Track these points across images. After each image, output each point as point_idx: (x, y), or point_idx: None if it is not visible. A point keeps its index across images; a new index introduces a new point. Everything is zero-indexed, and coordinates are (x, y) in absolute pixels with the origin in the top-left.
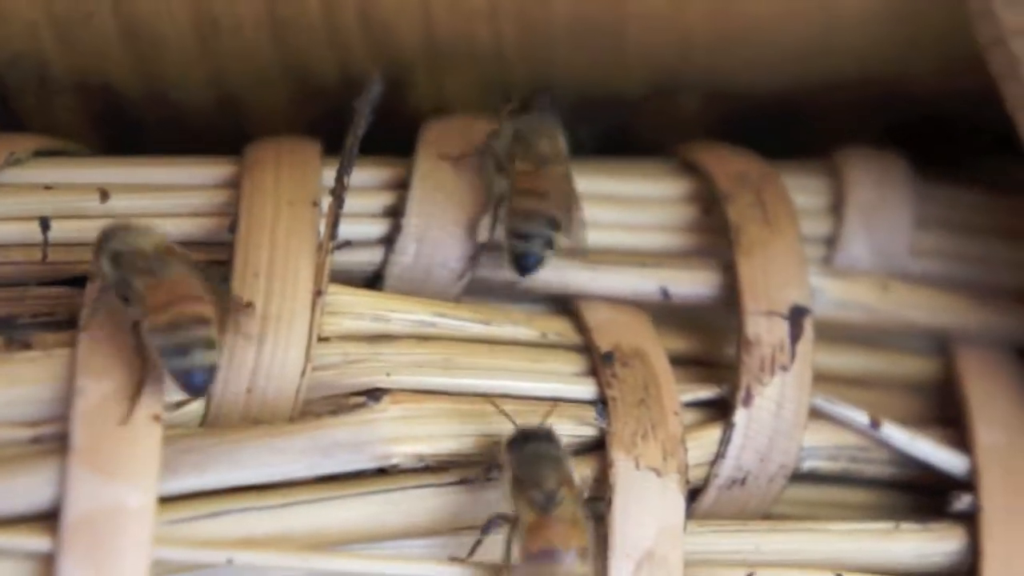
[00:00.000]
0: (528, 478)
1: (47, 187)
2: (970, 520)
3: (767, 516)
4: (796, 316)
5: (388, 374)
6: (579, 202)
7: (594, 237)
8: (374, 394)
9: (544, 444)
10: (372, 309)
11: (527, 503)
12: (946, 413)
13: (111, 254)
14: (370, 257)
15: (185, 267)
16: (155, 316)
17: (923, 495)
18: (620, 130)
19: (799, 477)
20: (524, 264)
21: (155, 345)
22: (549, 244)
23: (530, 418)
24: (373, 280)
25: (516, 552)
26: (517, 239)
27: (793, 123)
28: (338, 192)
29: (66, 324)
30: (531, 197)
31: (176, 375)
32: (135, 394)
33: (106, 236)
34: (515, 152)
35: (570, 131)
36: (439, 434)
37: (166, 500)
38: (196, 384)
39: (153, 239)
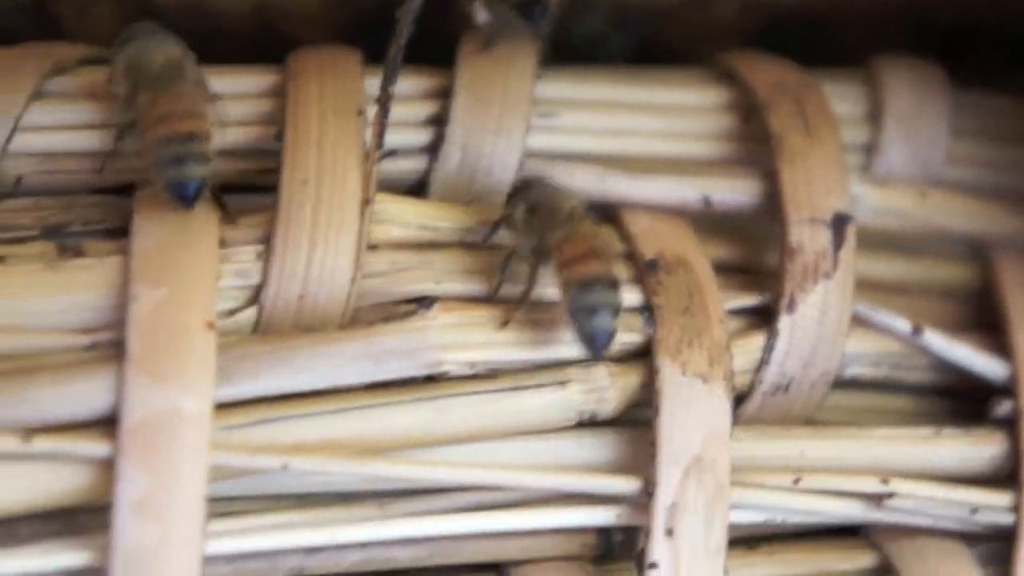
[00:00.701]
0: (544, 205)
1: (93, 96)
2: (1011, 425)
3: (810, 422)
4: (838, 223)
5: (437, 282)
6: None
7: (634, 145)
8: (424, 301)
9: (549, 186)
10: (419, 218)
11: (548, 230)
12: (986, 319)
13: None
14: (414, 165)
15: (190, 82)
16: (152, 130)
17: (964, 401)
18: (653, 39)
19: (841, 384)
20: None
21: (152, 157)
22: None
23: None
24: (417, 188)
25: (559, 284)
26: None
27: (824, 33)
28: (383, 101)
29: (117, 232)
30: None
31: (170, 187)
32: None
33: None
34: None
35: (604, 40)
36: (488, 341)
37: (221, 407)
38: (188, 195)
39: (166, 52)
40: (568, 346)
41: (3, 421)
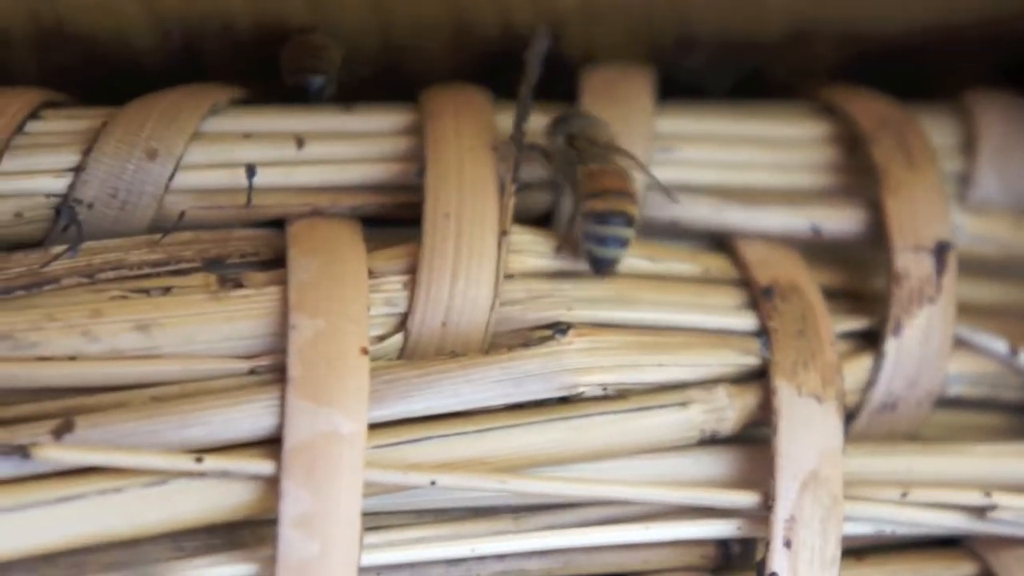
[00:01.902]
0: (582, 136)
1: (247, 135)
2: None
3: (915, 439)
4: (941, 251)
5: (569, 308)
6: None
7: (746, 177)
8: (559, 327)
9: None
10: (552, 248)
11: (583, 160)
12: None
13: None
14: (542, 197)
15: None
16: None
17: None
18: (754, 75)
19: (943, 402)
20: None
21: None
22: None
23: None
24: (544, 219)
25: (581, 210)
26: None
27: (916, 64)
28: (518, 138)
29: (272, 264)
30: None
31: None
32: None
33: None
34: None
35: (708, 75)
36: (619, 364)
37: (374, 427)
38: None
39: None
40: (691, 368)
41: (174, 442)
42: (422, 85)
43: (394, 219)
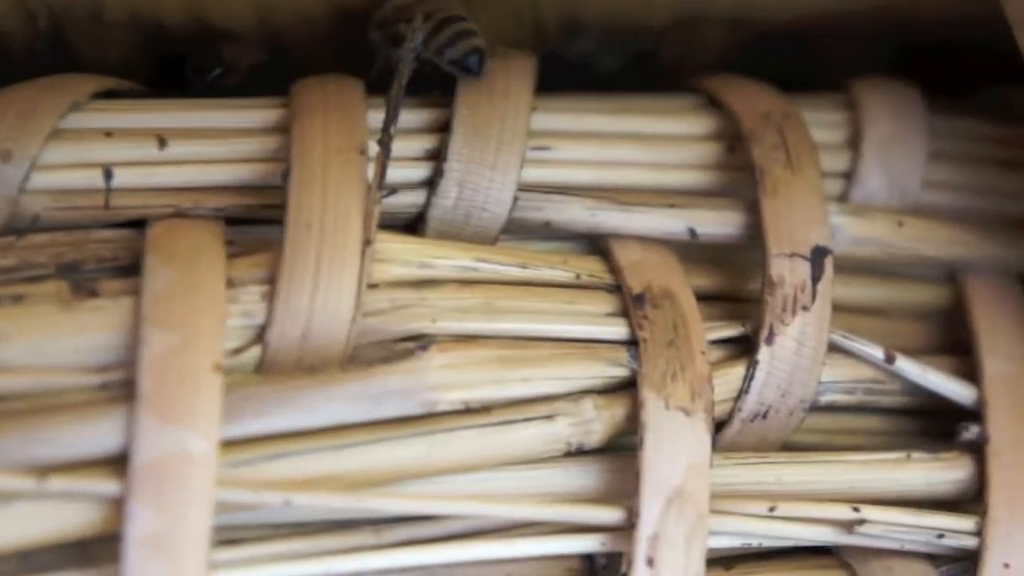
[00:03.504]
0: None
1: (107, 133)
2: (978, 450)
3: (786, 444)
4: (817, 257)
5: (434, 320)
6: None
7: (625, 176)
8: (421, 341)
9: None
10: (418, 256)
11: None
12: (957, 337)
13: None
14: (413, 200)
15: None
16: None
17: (935, 419)
18: (646, 57)
19: (817, 407)
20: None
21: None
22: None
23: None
24: (415, 222)
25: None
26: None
27: (809, 48)
28: (385, 142)
29: (130, 269)
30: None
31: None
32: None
33: None
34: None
35: (596, 59)
36: (481, 380)
37: (227, 445)
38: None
39: None
40: (558, 381)
41: (19, 459)
42: (307, 73)
43: (261, 220)
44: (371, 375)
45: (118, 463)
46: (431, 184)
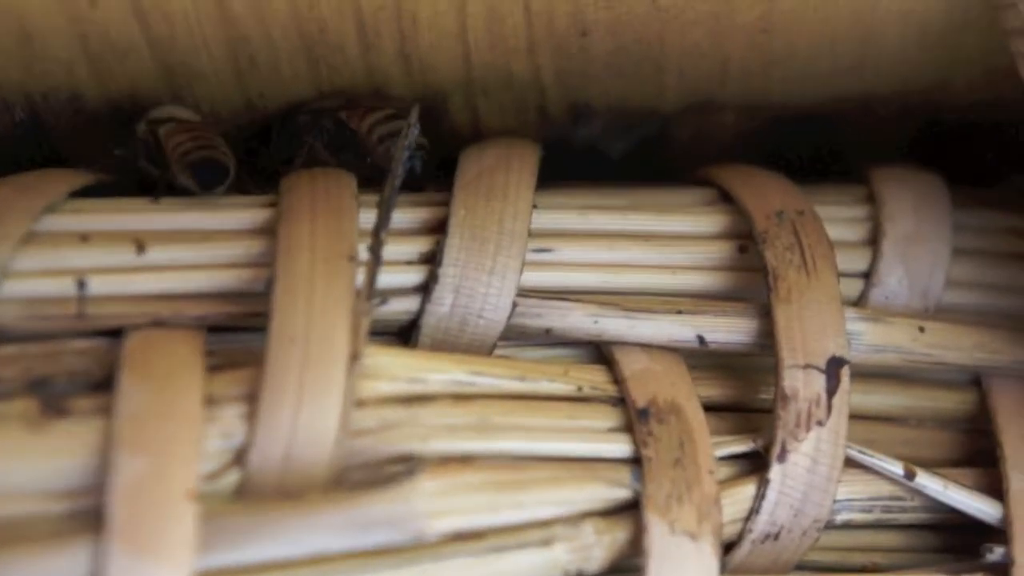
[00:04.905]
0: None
1: (83, 237)
2: (1003, 572)
3: (799, 563)
4: (833, 368)
5: (424, 440)
6: None
7: (631, 279)
8: (410, 463)
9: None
10: (409, 371)
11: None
12: (981, 446)
13: None
14: (406, 306)
15: None
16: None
17: (956, 535)
18: (655, 141)
19: (832, 526)
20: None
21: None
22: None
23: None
24: (408, 329)
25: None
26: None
27: (827, 130)
28: (376, 249)
29: (102, 384)
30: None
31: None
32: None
33: None
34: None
35: (605, 144)
36: (474, 506)
37: (203, 575)
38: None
39: None
40: (555, 506)
41: None
42: None
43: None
44: (356, 502)
45: None
46: (425, 289)
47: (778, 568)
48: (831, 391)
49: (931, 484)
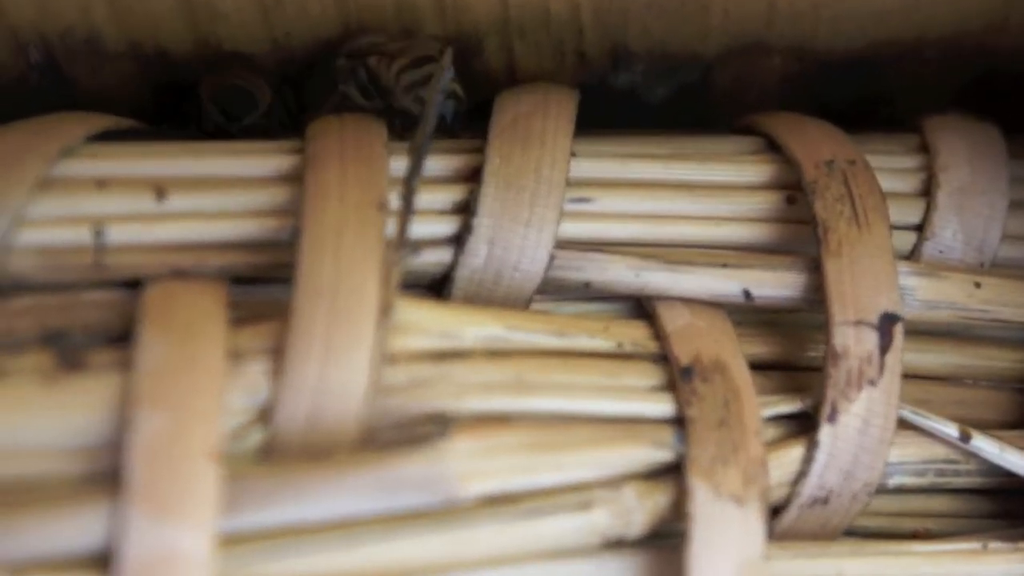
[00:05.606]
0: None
1: (100, 183)
2: None
3: (849, 533)
4: (886, 325)
5: (458, 398)
6: None
7: (673, 231)
8: (442, 422)
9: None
10: (441, 325)
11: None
12: None
13: None
14: (438, 258)
15: None
16: None
17: (1013, 500)
18: (698, 86)
19: (883, 490)
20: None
21: None
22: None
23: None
24: (440, 282)
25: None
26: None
27: (876, 78)
28: (408, 198)
29: (121, 337)
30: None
31: None
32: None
33: None
34: None
35: (646, 90)
36: (509, 467)
37: (224, 540)
38: None
39: None
40: (596, 467)
41: None
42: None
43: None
44: (386, 462)
45: (102, 562)
46: (458, 240)
47: (826, 533)
48: (884, 348)
49: (987, 446)
